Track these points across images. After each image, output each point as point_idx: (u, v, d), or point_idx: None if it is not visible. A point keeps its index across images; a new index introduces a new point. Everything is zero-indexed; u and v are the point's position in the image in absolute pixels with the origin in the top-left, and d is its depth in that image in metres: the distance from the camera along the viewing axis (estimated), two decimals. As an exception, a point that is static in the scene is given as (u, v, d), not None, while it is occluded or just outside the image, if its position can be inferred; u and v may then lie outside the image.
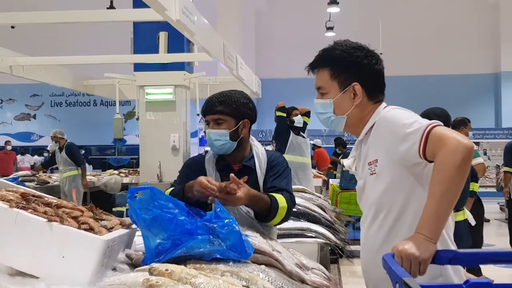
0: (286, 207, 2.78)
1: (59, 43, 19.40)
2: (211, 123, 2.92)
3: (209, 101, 2.95)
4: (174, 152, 9.00)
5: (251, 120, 2.99)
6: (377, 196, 2.29)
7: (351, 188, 8.18)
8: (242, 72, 8.64)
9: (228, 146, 2.90)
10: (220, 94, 2.95)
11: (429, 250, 1.96)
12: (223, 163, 2.96)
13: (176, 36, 8.02)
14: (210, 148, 2.99)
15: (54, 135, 10.82)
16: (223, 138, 2.88)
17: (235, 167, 2.95)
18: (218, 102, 2.91)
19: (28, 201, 2.26)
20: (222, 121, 2.90)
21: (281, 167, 2.97)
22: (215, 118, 2.91)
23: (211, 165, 2.96)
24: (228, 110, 2.90)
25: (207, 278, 1.79)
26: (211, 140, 2.90)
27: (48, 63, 9.05)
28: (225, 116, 2.90)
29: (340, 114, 2.40)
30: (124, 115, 15.08)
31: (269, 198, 2.75)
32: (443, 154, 2.01)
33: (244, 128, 2.95)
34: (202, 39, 5.80)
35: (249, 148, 3.01)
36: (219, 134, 2.88)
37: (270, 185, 2.87)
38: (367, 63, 2.37)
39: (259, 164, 2.94)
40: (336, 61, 2.39)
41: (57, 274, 2.03)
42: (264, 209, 2.72)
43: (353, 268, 7.31)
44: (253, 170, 2.92)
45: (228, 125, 2.90)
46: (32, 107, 23.93)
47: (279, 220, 2.80)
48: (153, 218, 2.13)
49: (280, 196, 2.78)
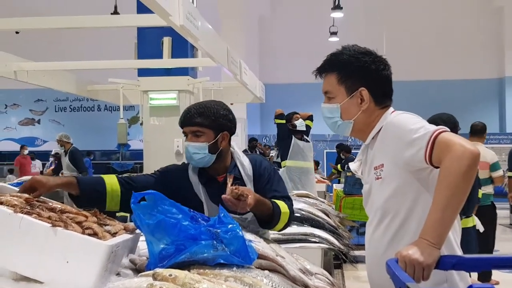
0: (288, 212, 2.77)
1: (63, 48, 19.44)
2: (190, 135, 2.86)
3: (188, 112, 2.88)
4: (177, 157, 8.98)
5: (230, 132, 2.93)
6: (382, 201, 2.29)
7: (355, 193, 8.19)
8: (246, 77, 8.65)
9: (207, 159, 2.84)
10: (199, 105, 2.89)
11: (433, 256, 1.96)
12: (206, 175, 2.91)
13: (180, 41, 8.02)
14: (189, 161, 2.92)
15: (60, 139, 10.84)
16: (202, 151, 2.82)
17: (219, 178, 2.91)
18: (197, 114, 2.84)
19: (32, 206, 2.27)
20: (201, 134, 2.83)
21: (270, 171, 2.93)
22: (193, 130, 2.84)
23: (195, 177, 2.90)
24: (207, 122, 2.83)
25: (210, 283, 1.79)
26: (190, 153, 2.84)
27: (52, 68, 9.06)
28: (203, 128, 2.83)
29: (347, 119, 2.40)
30: (128, 120, 15.09)
31: (271, 202, 2.73)
32: (449, 160, 2.01)
33: (224, 140, 2.88)
34: (206, 44, 5.81)
35: (230, 158, 2.95)
36: (197, 147, 2.82)
37: (272, 195, 2.82)
38: (374, 69, 2.37)
39: (245, 172, 2.88)
40: (344, 66, 2.39)
41: (61, 279, 2.04)
42: (267, 214, 2.70)
43: (357, 273, 7.31)
44: (238, 179, 2.85)
45: (207, 137, 2.83)
46: (36, 112, 23.97)
47: (282, 225, 2.79)
48: (156, 223, 2.13)
49: (280, 202, 2.76)
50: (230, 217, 2.15)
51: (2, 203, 2.22)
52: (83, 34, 18.55)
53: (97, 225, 2.27)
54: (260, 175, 2.90)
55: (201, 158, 2.83)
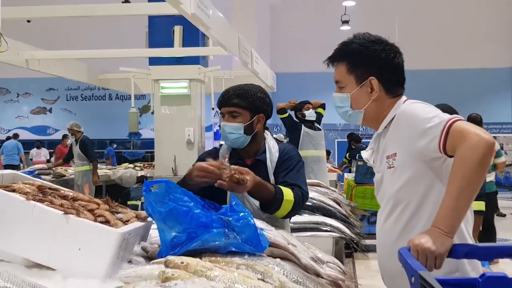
0: (292, 201, 2.72)
1: (75, 37, 19.48)
2: (226, 115, 2.90)
3: (226, 93, 2.93)
4: (189, 146, 9.01)
5: (267, 115, 2.96)
6: (395, 190, 2.28)
7: (366, 182, 8.17)
8: (257, 66, 8.64)
9: (242, 140, 2.89)
10: (237, 87, 2.93)
11: (445, 245, 1.95)
12: (236, 157, 2.94)
13: (191, 30, 8.01)
14: (224, 141, 2.97)
15: (71, 127, 10.87)
16: (238, 132, 2.86)
17: (248, 161, 2.94)
18: (234, 95, 2.88)
19: (44, 194, 2.28)
20: (238, 114, 2.87)
21: (293, 161, 2.93)
22: (230, 111, 2.88)
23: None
24: (244, 104, 2.87)
25: (222, 271, 1.79)
26: (225, 133, 2.88)
27: (64, 57, 9.09)
28: (240, 109, 2.87)
29: (357, 108, 2.38)
30: (140, 109, 15.15)
31: (275, 189, 2.71)
32: (464, 149, 1.99)
33: (259, 122, 2.92)
34: (217, 33, 5.80)
35: (263, 143, 2.98)
36: (233, 127, 2.87)
37: (282, 180, 2.84)
38: (384, 57, 2.35)
39: (270, 158, 2.91)
40: (353, 55, 2.38)
41: (74, 266, 2.05)
42: (267, 198, 2.68)
43: (368, 262, 7.30)
44: (265, 164, 2.90)
45: (243, 118, 2.87)
46: (48, 101, 24.08)
47: (285, 213, 2.75)
48: (168, 211, 2.13)
49: (287, 189, 2.74)
50: (241, 205, 2.15)
51: (15, 190, 2.24)
52: (95, 23, 18.59)
53: (109, 212, 2.28)
54: (282, 162, 2.91)
55: (236, 138, 2.88)
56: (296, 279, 2.00)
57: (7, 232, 2.14)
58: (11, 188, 2.26)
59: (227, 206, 2.17)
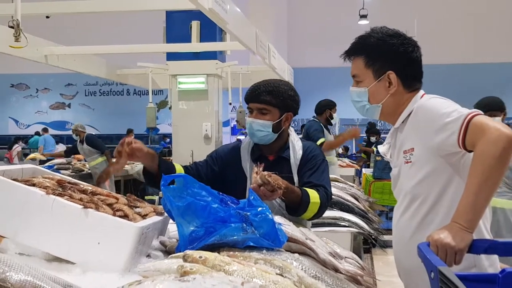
0: (318, 203, 2.73)
1: (93, 33, 19.58)
2: (255, 111, 2.88)
3: (256, 89, 2.89)
4: (206, 141, 9.02)
5: (294, 113, 2.95)
6: (412, 185, 2.27)
7: (384, 177, 8.12)
8: (275, 61, 8.60)
9: (270, 137, 2.88)
10: (267, 84, 2.89)
11: (465, 240, 1.93)
12: (258, 152, 2.93)
13: (209, 25, 8.00)
14: (250, 137, 2.94)
15: (76, 128, 11.04)
16: (266, 129, 2.85)
17: (270, 157, 2.93)
18: (265, 92, 2.85)
19: (64, 188, 2.30)
20: (267, 112, 2.86)
21: (318, 160, 2.91)
22: (260, 108, 2.87)
23: (246, 153, 2.93)
24: (275, 101, 2.85)
25: (240, 265, 1.79)
26: (253, 130, 2.87)
27: (82, 52, 9.14)
28: (270, 107, 2.85)
29: (375, 103, 2.37)
30: (157, 104, 15.13)
31: (301, 191, 2.70)
32: (484, 144, 1.96)
33: (287, 120, 2.92)
34: (235, 28, 5.79)
35: (287, 139, 2.97)
36: (262, 125, 2.85)
37: (307, 180, 2.83)
38: (403, 51, 2.33)
39: (294, 156, 2.89)
40: (371, 49, 2.36)
41: (93, 260, 2.06)
42: (294, 201, 2.68)
43: (386, 258, 7.27)
44: (287, 161, 2.88)
45: (272, 116, 2.86)
46: (66, 96, 24.27)
47: (311, 215, 2.76)
48: (186, 205, 2.14)
49: (313, 191, 2.73)
50: (259, 200, 2.15)
51: (35, 184, 2.25)
52: (113, 18, 18.65)
53: (127, 207, 2.29)
54: (307, 161, 2.90)
55: (264, 135, 2.87)
56: (315, 274, 1.99)
57: (27, 226, 2.16)
58: (31, 182, 2.28)
59: (245, 200, 2.17)
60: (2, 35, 6.13)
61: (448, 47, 20.32)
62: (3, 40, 6.02)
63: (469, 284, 1.65)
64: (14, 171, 2.48)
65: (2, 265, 1.50)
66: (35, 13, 7.20)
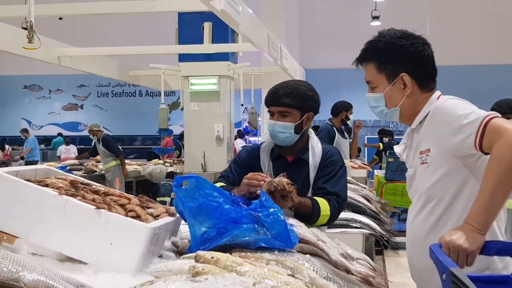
0: (328, 215, 2.74)
1: (106, 34, 19.69)
2: (276, 114, 2.88)
3: (275, 92, 2.90)
4: (218, 142, 9.04)
5: (315, 112, 2.96)
6: (427, 186, 2.25)
7: (396, 179, 8.07)
8: (287, 62, 8.60)
9: (292, 138, 2.89)
10: (286, 86, 2.90)
11: (477, 242, 1.92)
12: (278, 153, 2.94)
13: (221, 26, 8.03)
14: (272, 139, 2.95)
15: (90, 129, 11.06)
16: (288, 131, 2.87)
17: (289, 158, 2.94)
18: (284, 94, 2.86)
19: (76, 189, 2.31)
20: (288, 114, 2.87)
21: (336, 166, 2.91)
22: (281, 111, 2.87)
23: (266, 154, 2.95)
24: (295, 103, 2.86)
25: (252, 266, 1.79)
26: (275, 132, 2.87)
27: (95, 53, 9.18)
28: (291, 109, 2.86)
29: (392, 107, 2.36)
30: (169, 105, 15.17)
31: (312, 204, 2.71)
32: (500, 147, 1.95)
33: (308, 120, 2.93)
34: (247, 29, 5.80)
35: (307, 141, 2.98)
36: (283, 127, 2.86)
37: (321, 186, 2.83)
38: (413, 51, 2.32)
39: (313, 158, 2.90)
40: (381, 54, 2.35)
41: (105, 261, 2.07)
42: (304, 213, 2.68)
43: (398, 260, 7.25)
44: (306, 163, 2.89)
45: (294, 118, 2.87)
46: (79, 98, 24.37)
47: (320, 224, 2.77)
48: (198, 206, 2.14)
49: (324, 202, 2.73)
50: (271, 201, 2.15)
51: (48, 185, 2.27)
52: (125, 20, 18.73)
53: (139, 207, 2.29)
54: (325, 166, 2.90)
55: (287, 137, 2.89)
56: (326, 275, 1.99)
57: (40, 226, 2.17)
58: (44, 183, 2.29)
59: (257, 201, 2.17)
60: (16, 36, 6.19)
61: (460, 48, 20.19)
62: (16, 42, 6.07)
63: (481, 285, 1.65)
64: (27, 172, 2.49)
65: (15, 265, 1.51)
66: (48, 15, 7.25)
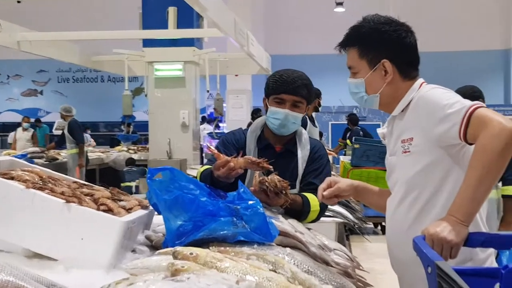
0: (318, 210, 2.76)
1: (67, 19, 19.22)
2: (288, 103, 2.82)
3: (293, 82, 2.83)
4: (183, 129, 8.94)
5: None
6: (409, 176, 2.21)
7: (362, 165, 8.14)
8: (253, 48, 8.54)
9: (295, 129, 2.90)
10: (302, 76, 2.87)
11: (461, 234, 1.89)
12: (265, 142, 2.89)
13: (186, 11, 7.92)
14: (277, 128, 2.85)
15: (60, 112, 10.80)
16: (298, 122, 2.86)
17: (277, 148, 2.90)
18: (303, 85, 2.83)
19: (44, 182, 2.20)
20: (301, 105, 2.84)
21: (323, 161, 2.93)
22: (296, 100, 2.83)
23: (252, 140, 2.89)
24: (308, 95, 2.86)
25: (233, 262, 1.72)
26: (287, 121, 2.81)
27: (56, 38, 8.97)
28: (303, 100, 2.85)
29: (372, 93, 2.32)
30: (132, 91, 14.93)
31: (302, 200, 2.72)
32: (485, 137, 1.91)
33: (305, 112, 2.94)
34: (214, 14, 5.71)
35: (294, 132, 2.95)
36: (295, 118, 2.84)
37: (310, 181, 2.83)
38: (396, 38, 2.28)
39: (302, 151, 2.88)
40: (363, 39, 2.31)
41: (76, 256, 1.98)
42: (295, 209, 2.67)
43: (364, 245, 7.30)
44: (294, 156, 2.87)
45: (302, 109, 2.86)
46: (39, 83, 23.82)
47: (309, 220, 2.79)
48: (173, 199, 2.07)
49: (314, 198, 2.71)
50: (250, 193, 2.09)
51: (13, 178, 2.15)
52: (87, 4, 18.36)
53: (111, 200, 2.20)
54: (313, 161, 2.90)
55: (295, 128, 2.89)
56: (307, 269, 1.94)
57: (7, 221, 2.06)
58: (9, 175, 2.18)
59: (235, 194, 2.11)
60: (-26, 20, 5.96)
61: (422, 35, 20.14)
62: (-26, 26, 5.86)
63: (468, 278, 1.61)
64: (-11, 164, 2.38)
65: (-18, 266, 1.42)
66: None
